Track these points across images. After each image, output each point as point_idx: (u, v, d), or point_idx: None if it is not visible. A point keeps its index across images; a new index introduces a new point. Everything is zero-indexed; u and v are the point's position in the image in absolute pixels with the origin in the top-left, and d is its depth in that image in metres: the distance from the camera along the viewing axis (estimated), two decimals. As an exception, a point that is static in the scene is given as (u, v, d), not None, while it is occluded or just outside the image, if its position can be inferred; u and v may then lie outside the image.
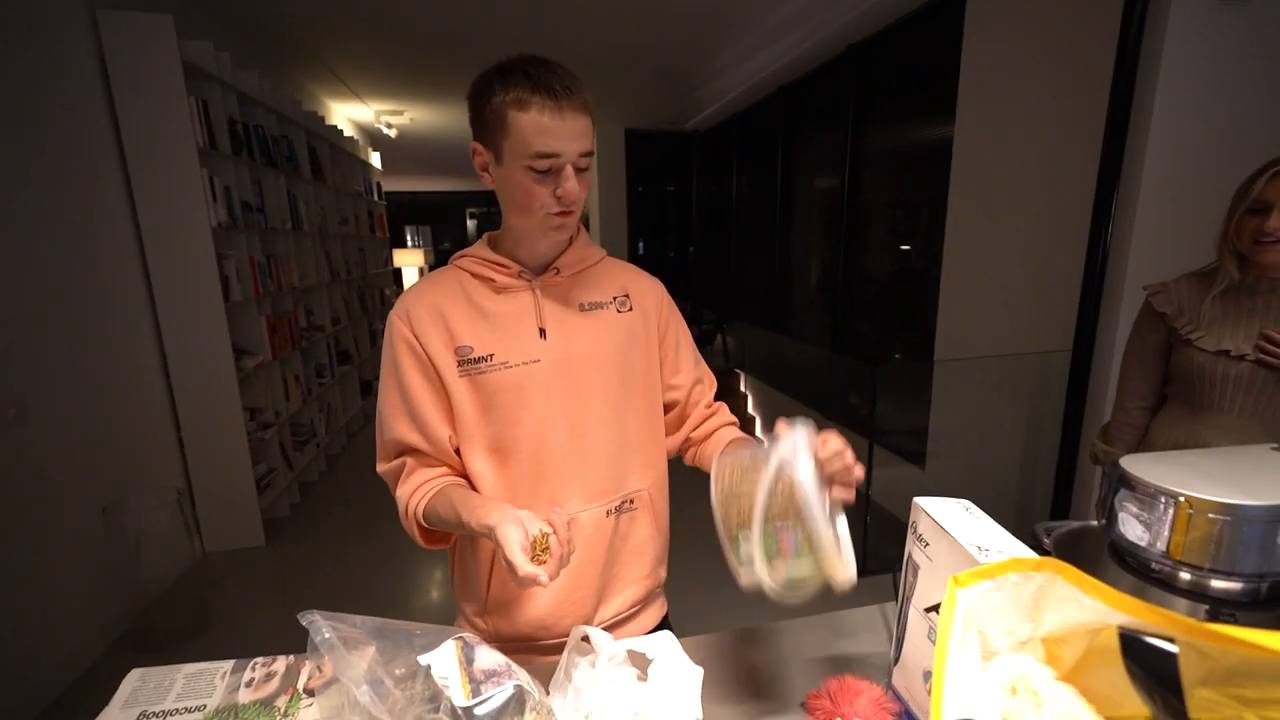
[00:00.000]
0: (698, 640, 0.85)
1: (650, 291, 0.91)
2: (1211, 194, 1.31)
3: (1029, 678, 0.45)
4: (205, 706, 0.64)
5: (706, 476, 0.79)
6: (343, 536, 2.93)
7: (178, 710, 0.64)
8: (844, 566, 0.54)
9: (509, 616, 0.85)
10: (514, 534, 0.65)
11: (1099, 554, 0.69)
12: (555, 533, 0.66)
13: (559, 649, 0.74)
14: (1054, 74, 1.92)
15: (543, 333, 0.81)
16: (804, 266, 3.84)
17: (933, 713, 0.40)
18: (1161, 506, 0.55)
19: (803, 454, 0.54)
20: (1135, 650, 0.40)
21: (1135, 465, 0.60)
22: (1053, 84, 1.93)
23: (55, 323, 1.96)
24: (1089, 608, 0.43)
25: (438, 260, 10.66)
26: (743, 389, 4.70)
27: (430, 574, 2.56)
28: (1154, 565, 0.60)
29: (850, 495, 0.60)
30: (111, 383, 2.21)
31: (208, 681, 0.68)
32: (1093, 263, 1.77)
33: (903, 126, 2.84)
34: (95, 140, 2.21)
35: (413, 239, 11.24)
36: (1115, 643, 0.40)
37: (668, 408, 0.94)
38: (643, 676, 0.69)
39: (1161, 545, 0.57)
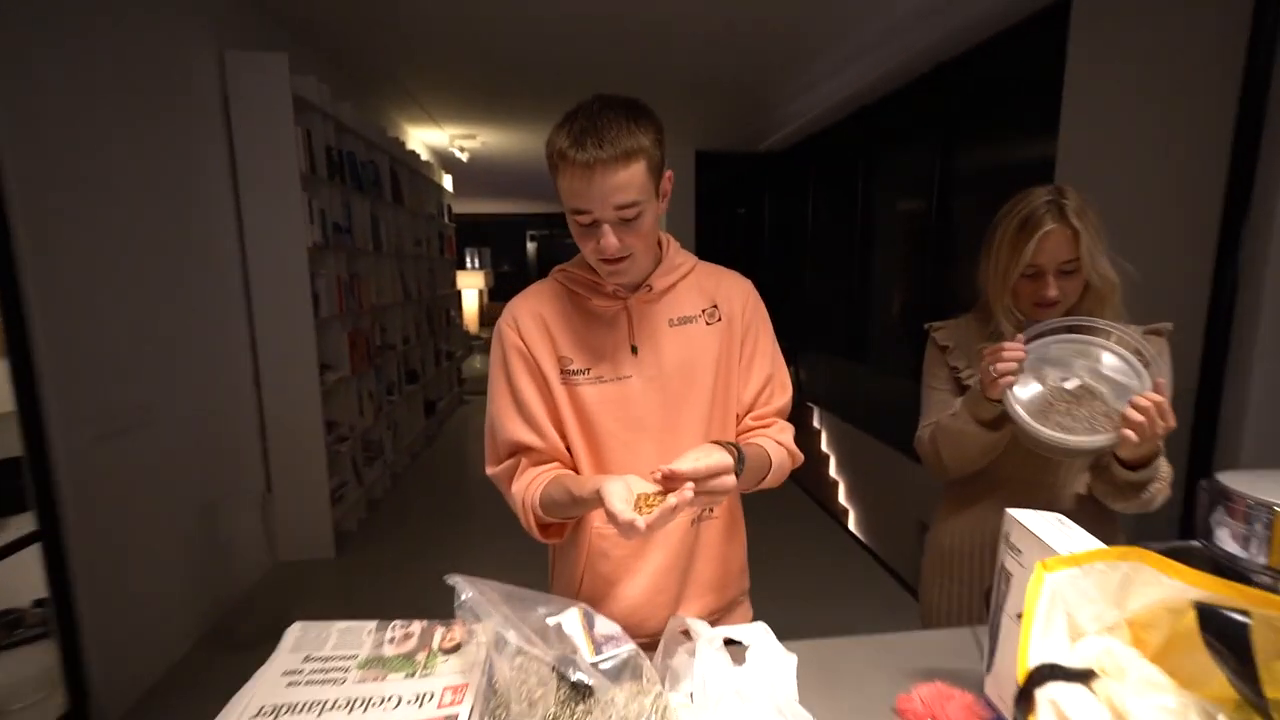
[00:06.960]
0: (787, 644, 0.94)
1: (736, 295, 0.98)
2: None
3: (1114, 655, 0.53)
4: (357, 656, 0.79)
5: (788, 491, 0.90)
6: (408, 553, 3.15)
7: (335, 657, 0.79)
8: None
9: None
10: (617, 488, 0.75)
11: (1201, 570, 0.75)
12: (664, 494, 0.73)
13: (645, 647, 0.85)
14: (1174, 82, 1.89)
15: (634, 350, 0.93)
16: (885, 293, 3.86)
17: (1019, 670, 0.48)
18: (1258, 519, 0.62)
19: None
20: (1212, 622, 0.47)
21: (1232, 480, 0.68)
22: (1171, 94, 1.90)
23: (170, 332, 2.28)
24: (1169, 587, 0.51)
25: (497, 282, 11.18)
26: (815, 424, 4.69)
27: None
28: (1254, 577, 0.67)
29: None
30: (213, 389, 2.52)
31: (356, 637, 0.83)
32: (1221, 292, 1.73)
33: (997, 145, 2.87)
34: (212, 165, 2.57)
35: (472, 261, 11.84)
36: (1195, 623, 0.48)
37: None
38: (738, 662, 0.79)
39: (1262, 557, 0.64)
